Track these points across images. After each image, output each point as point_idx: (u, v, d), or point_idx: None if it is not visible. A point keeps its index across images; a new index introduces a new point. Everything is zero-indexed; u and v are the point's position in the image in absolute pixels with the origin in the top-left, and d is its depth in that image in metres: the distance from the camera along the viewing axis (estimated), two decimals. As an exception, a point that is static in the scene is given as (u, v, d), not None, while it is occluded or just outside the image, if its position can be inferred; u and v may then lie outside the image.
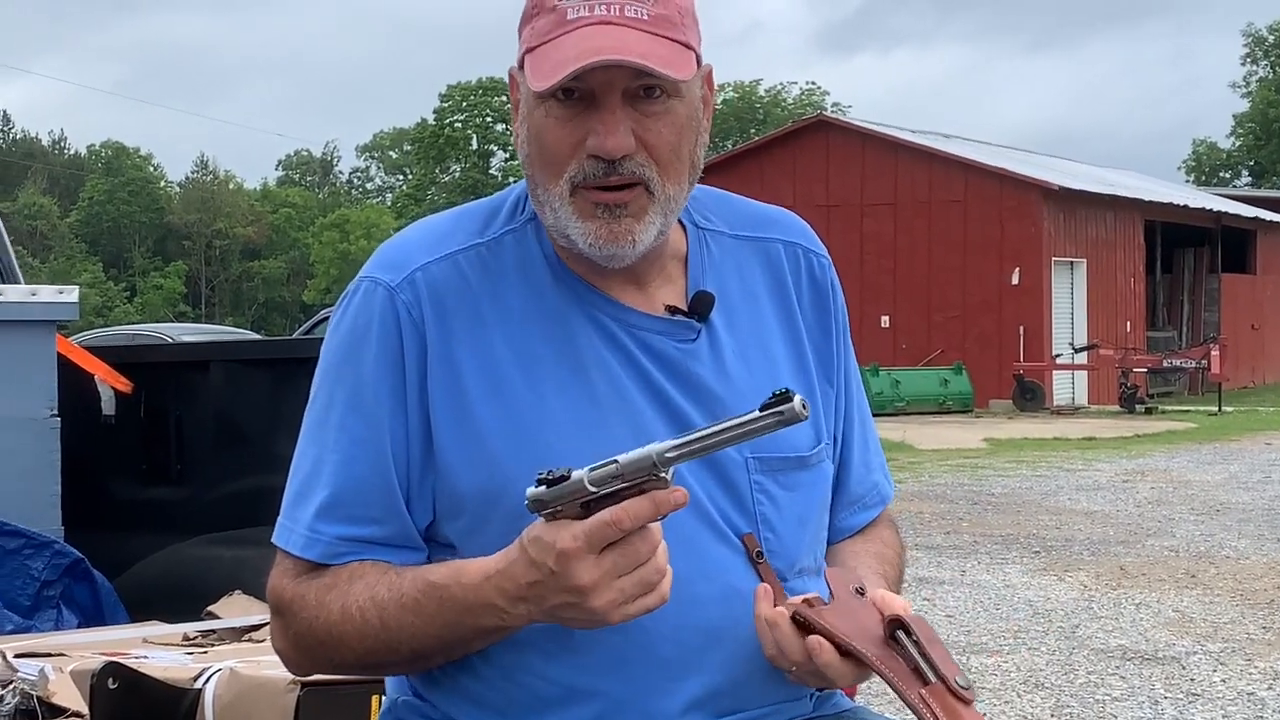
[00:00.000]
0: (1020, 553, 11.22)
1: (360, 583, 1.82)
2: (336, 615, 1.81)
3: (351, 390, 1.87)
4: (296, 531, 1.87)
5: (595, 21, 1.79)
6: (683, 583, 1.79)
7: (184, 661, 3.34)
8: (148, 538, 4.40)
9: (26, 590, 4.03)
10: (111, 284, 74.01)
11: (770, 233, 2.05)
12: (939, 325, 30.98)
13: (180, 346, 9.91)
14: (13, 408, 4.25)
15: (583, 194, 1.82)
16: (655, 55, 1.77)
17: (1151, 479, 16.41)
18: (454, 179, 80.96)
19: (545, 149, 1.83)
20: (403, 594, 1.78)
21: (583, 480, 1.65)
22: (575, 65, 1.75)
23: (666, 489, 1.65)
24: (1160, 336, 35.70)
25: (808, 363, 2.01)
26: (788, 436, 1.92)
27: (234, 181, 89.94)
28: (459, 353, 1.86)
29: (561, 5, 1.81)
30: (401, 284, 1.88)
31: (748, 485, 1.90)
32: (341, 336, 1.91)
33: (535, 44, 1.82)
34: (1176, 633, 8.36)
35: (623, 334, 1.89)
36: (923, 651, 1.74)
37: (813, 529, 1.97)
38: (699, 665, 1.84)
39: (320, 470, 1.87)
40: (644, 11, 1.80)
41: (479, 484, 1.83)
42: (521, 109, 1.87)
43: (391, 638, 1.79)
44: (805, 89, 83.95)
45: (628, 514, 1.64)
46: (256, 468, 4.35)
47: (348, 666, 1.86)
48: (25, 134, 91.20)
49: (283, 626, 1.88)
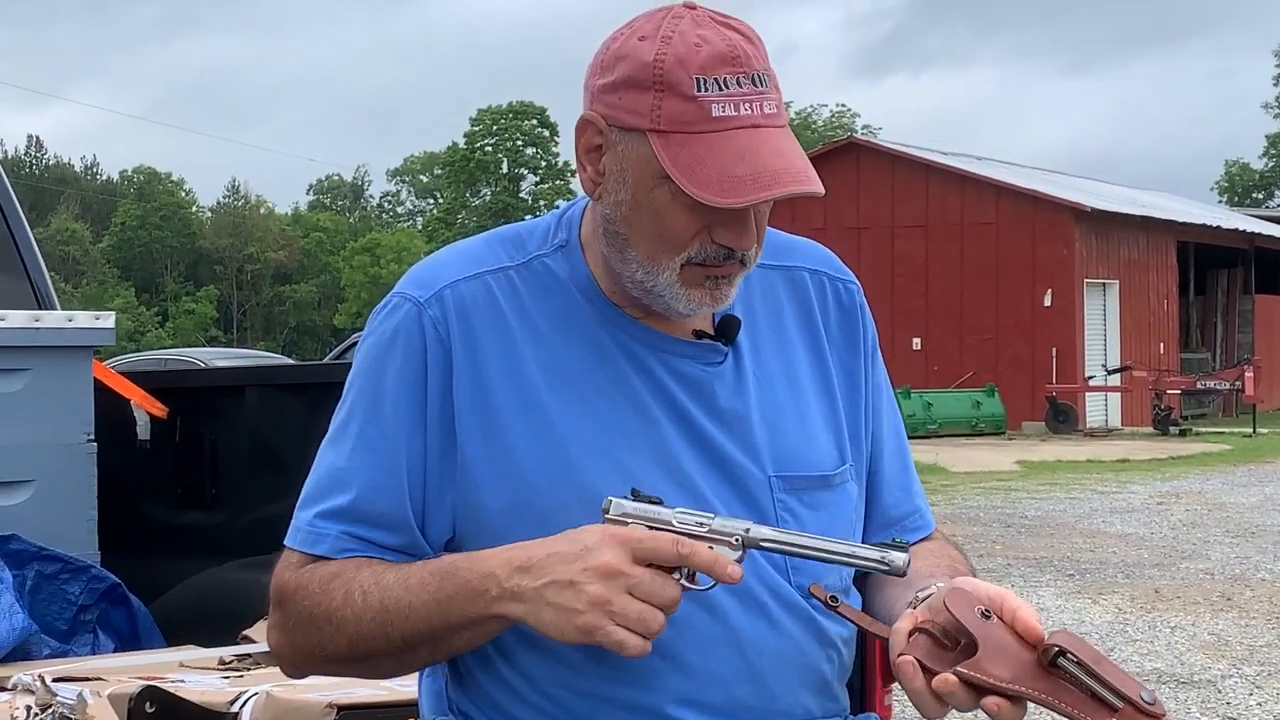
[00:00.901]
0: (1054, 576, 11.18)
1: (368, 570, 1.84)
2: (339, 600, 1.83)
3: (372, 401, 1.90)
4: (301, 529, 1.91)
5: (745, 125, 1.79)
6: (707, 595, 1.82)
7: (220, 685, 3.36)
8: (183, 562, 4.41)
9: (64, 614, 4.05)
10: (144, 309, 74.32)
11: (796, 261, 2.07)
12: (971, 347, 30.91)
13: (215, 371, 9.95)
14: (50, 433, 4.27)
15: (694, 269, 1.85)
16: (808, 168, 1.81)
17: (1186, 501, 16.34)
18: (484, 203, 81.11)
19: (666, 229, 1.83)
20: (410, 575, 1.81)
21: (670, 518, 1.73)
22: (762, 192, 1.77)
23: (728, 564, 1.72)
24: (1194, 358, 35.56)
25: (833, 388, 2.02)
26: (810, 455, 1.96)
27: (265, 206, 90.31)
28: (487, 369, 1.88)
29: (702, 99, 1.79)
30: (430, 300, 1.91)
31: (771, 503, 1.91)
32: (368, 349, 1.94)
33: (670, 130, 1.80)
34: (1212, 656, 8.31)
35: (649, 356, 1.91)
36: (1093, 674, 1.68)
37: None
38: (725, 675, 1.86)
39: (334, 477, 1.90)
40: (773, 104, 1.82)
41: (504, 499, 1.85)
42: (620, 170, 1.85)
43: (387, 620, 1.80)
44: (836, 111, 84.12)
45: (693, 551, 1.70)
46: (291, 492, 4.32)
47: (337, 659, 1.87)
48: (58, 160, 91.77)
49: (281, 618, 1.90)
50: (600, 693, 1.84)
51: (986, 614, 1.73)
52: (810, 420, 1.98)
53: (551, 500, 1.83)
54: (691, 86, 1.79)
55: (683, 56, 1.79)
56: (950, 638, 1.74)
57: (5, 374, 4.22)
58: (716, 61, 1.79)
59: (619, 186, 1.85)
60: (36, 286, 4.76)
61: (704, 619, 1.84)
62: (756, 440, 1.92)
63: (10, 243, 4.74)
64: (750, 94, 1.80)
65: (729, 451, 1.90)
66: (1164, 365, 32.14)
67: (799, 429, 1.96)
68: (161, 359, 21.21)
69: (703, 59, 1.79)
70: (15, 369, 4.23)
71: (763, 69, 1.82)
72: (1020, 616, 1.74)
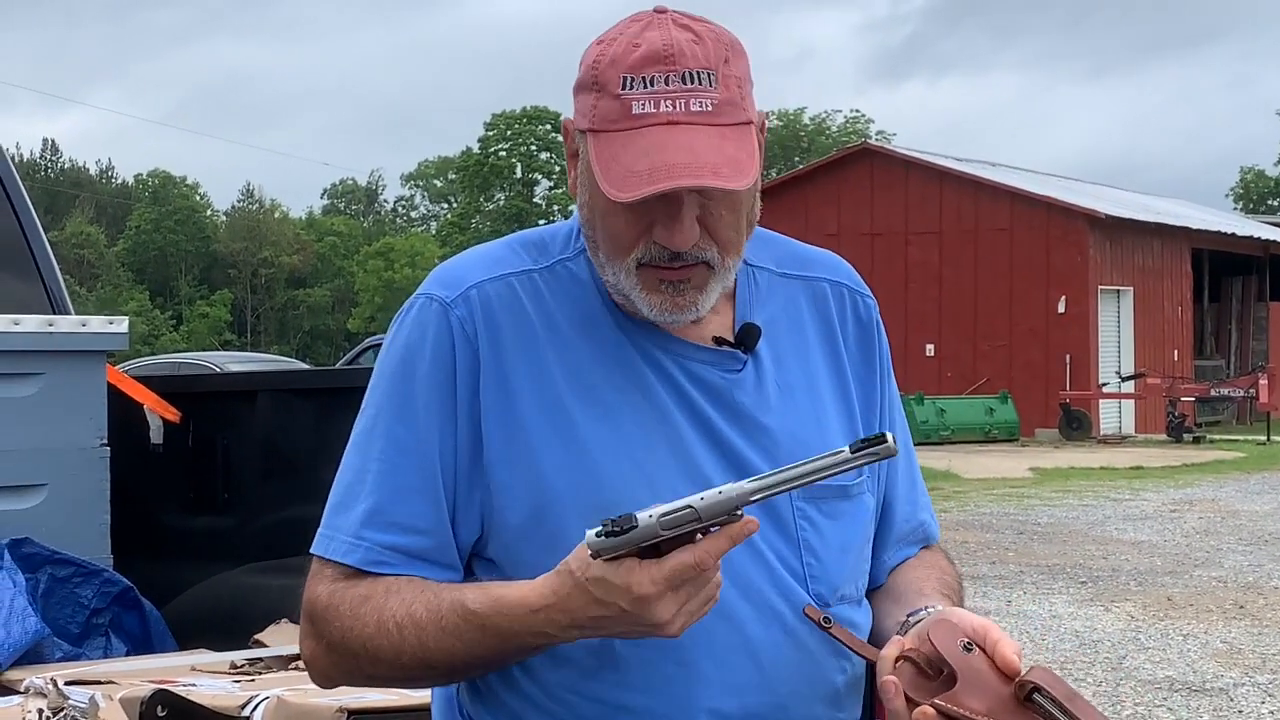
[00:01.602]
0: (1066, 583, 11.17)
1: (396, 598, 1.82)
2: (372, 629, 1.82)
3: (401, 402, 1.89)
4: (337, 539, 1.88)
5: (663, 121, 1.79)
6: (724, 602, 1.81)
7: (232, 689, 3.36)
8: (195, 566, 4.43)
9: (76, 618, 4.06)
10: (158, 312, 74.44)
11: (817, 272, 2.07)
12: (984, 354, 30.88)
13: (228, 376, 9.97)
14: (64, 437, 4.28)
15: (648, 271, 1.85)
16: (724, 163, 1.78)
17: (1199, 509, 16.31)
18: (498, 207, 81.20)
19: (611, 232, 1.85)
20: (441, 616, 1.79)
21: (654, 527, 1.65)
22: (649, 186, 1.76)
23: (740, 522, 1.68)
24: (1208, 365, 35.49)
25: (851, 398, 2.02)
26: None
27: (279, 210, 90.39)
28: (512, 369, 1.88)
29: (625, 96, 1.80)
30: (456, 300, 1.91)
31: (790, 511, 1.91)
32: (394, 350, 1.93)
33: (599, 129, 1.82)
34: (1224, 664, 8.30)
35: (670, 363, 1.91)
36: (1066, 711, 1.69)
37: (854, 558, 1.97)
38: (740, 684, 1.86)
39: (364, 479, 1.89)
40: (708, 102, 1.80)
41: (525, 500, 1.85)
42: (582, 173, 1.87)
43: (430, 657, 1.80)
44: (850, 117, 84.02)
45: (710, 555, 1.67)
46: (303, 497, 4.36)
47: (380, 679, 1.89)
48: (73, 163, 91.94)
49: (314, 633, 1.89)
50: (616, 700, 1.84)
51: (969, 646, 1.76)
52: (829, 430, 1.97)
53: (572, 503, 1.83)
54: (619, 85, 1.80)
55: (617, 57, 1.81)
56: (933, 667, 1.76)
57: (19, 378, 4.24)
58: (647, 61, 1.80)
59: (583, 189, 1.89)
60: (50, 291, 4.77)
61: (721, 628, 1.83)
62: (777, 449, 1.92)
63: (25, 247, 4.75)
64: (676, 91, 1.79)
65: (749, 458, 1.90)
66: (1178, 372, 32.08)
67: (818, 438, 1.95)
68: (175, 363, 21.25)
69: (634, 59, 1.80)
70: (29, 373, 4.25)
71: (702, 67, 1.80)
72: (1000, 650, 1.76)
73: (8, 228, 4.73)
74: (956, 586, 2.03)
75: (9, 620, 3.70)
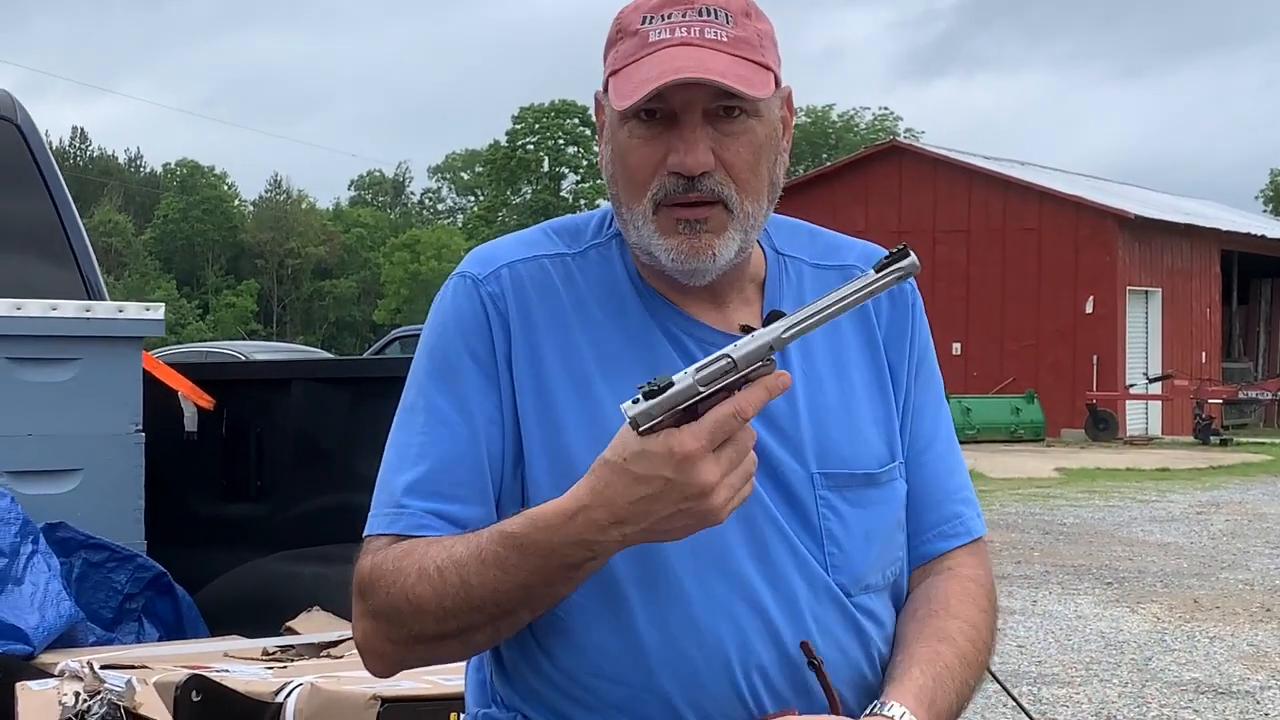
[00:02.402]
0: (1092, 584, 11.14)
1: (436, 546, 1.81)
2: (413, 578, 1.79)
3: (442, 377, 1.91)
4: (380, 513, 1.88)
5: (676, 43, 1.83)
6: (748, 588, 1.84)
7: (265, 676, 3.38)
8: (228, 553, 4.45)
9: (109, 603, 4.09)
10: (185, 301, 74.59)
11: (850, 260, 2.07)
12: (1011, 353, 30.81)
13: (262, 364, 9.98)
14: (99, 423, 4.31)
15: (665, 211, 1.86)
16: (733, 74, 1.82)
17: (1226, 511, 16.26)
18: (525, 201, 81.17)
19: (628, 168, 1.87)
20: (481, 549, 1.77)
21: (693, 384, 1.62)
22: (656, 84, 1.79)
23: (773, 373, 1.66)
24: (1236, 367, 35.36)
25: (887, 386, 2.02)
26: (855, 453, 1.95)
27: (306, 201, 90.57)
28: (543, 347, 1.90)
29: (644, 29, 1.86)
30: (488, 277, 1.94)
31: (813, 501, 1.91)
32: (432, 328, 1.96)
33: (619, 66, 1.87)
34: (1251, 667, 8.28)
35: (698, 350, 1.91)
36: None
37: (880, 546, 1.96)
38: (765, 669, 1.86)
39: (406, 454, 1.89)
40: (723, 34, 1.85)
41: (553, 479, 1.85)
42: (606, 130, 1.92)
43: (473, 595, 1.77)
44: (878, 114, 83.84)
45: (749, 404, 1.65)
46: (335, 485, 4.39)
47: (426, 638, 1.82)
48: (102, 151, 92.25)
49: (363, 609, 1.86)
50: (639, 683, 1.85)
51: None
52: (858, 417, 1.97)
53: None
54: (639, 23, 1.87)
55: (640, 3, 1.89)
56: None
57: (56, 363, 4.26)
58: (668, 1, 1.86)
59: (606, 146, 1.92)
60: (86, 277, 4.81)
61: (745, 613, 1.84)
62: (801, 437, 1.92)
63: (62, 234, 4.78)
64: (692, 21, 1.85)
65: (771, 447, 1.90)
66: (1206, 374, 31.97)
67: (846, 426, 1.96)
68: (202, 352, 21.29)
69: (655, 1, 1.87)
70: (66, 358, 4.28)
71: (719, 5, 1.86)
72: None
73: (45, 215, 4.76)
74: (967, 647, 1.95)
75: (44, 604, 3.72)
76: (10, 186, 4.71)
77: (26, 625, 3.64)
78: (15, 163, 4.72)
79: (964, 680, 1.92)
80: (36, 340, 4.22)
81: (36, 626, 3.66)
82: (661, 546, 1.81)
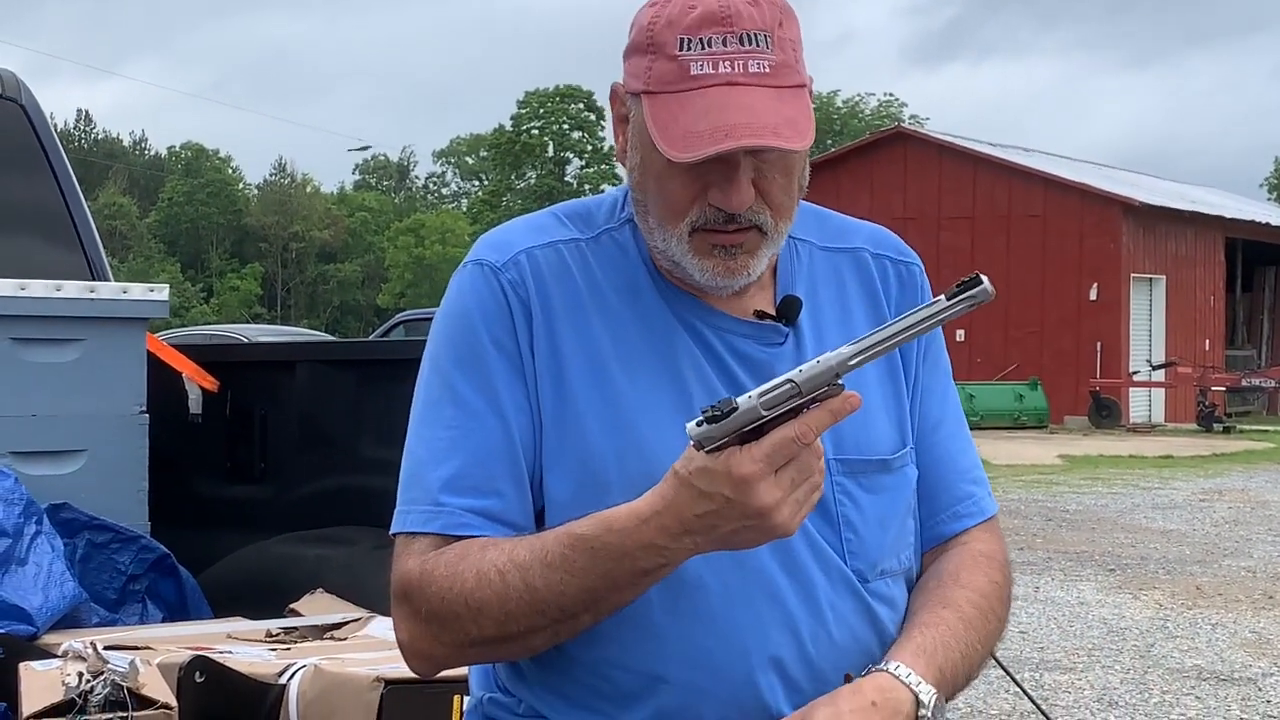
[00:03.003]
0: (1095, 570, 11.14)
1: (494, 549, 1.79)
2: (472, 582, 1.77)
3: (467, 366, 1.88)
4: (414, 511, 1.86)
5: (722, 82, 1.79)
6: (764, 575, 1.83)
7: (268, 657, 3.38)
8: (232, 535, 4.45)
9: (113, 584, 4.09)
10: (189, 284, 74.56)
11: (859, 244, 2.07)
12: (1015, 340, 30.78)
13: (266, 346, 9.99)
14: (103, 404, 4.31)
15: (701, 235, 1.85)
16: (785, 122, 1.78)
17: (1229, 498, 16.25)
18: (530, 185, 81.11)
19: (666, 194, 1.84)
20: (547, 551, 1.75)
21: (755, 407, 1.62)
22: (710, 146, 1.75)
23: (841, 396, 1.65)
24: (1239, 355, 35.33)
25: (897, 372, 2.02)
26: (869, 439, 1.95)
27: (311, 184, 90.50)
28: (562, 333, 1.88)
29: (683, 57, 1.80)
30: (506, 264, 1.91)
31: (830, 487, 1.89)
32: (449, 317, 1.93)
33: (656, 90, 1.82)
34: (1253, 654, 8.28)
35: (712, 336, 1.91)
36: None
37: (894, 531, 1.97)
38: (781, 658, 1.85)
39: (437, 448, 1.86)
40: (765, 65, 1.80)
41: (570, 466, 1.85)
42: (633, 136, 1.88)
43: (537, 598, 1.75)
44: (883, 100, 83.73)
45: (811, 429, 1.64)
46: (339, 468, 4.39)
47: (484, 641, 1.80)
48: (106, 134, 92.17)
49: (411, 611, 1.84)
50: (655, 672, 1.84)
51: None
52: (871, 403, 1.96)
53: (618, 473, 1.82)
54: (675, 46, 1.81)
55: (674, 18, 1.82)
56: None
57: (60, 344, 4.26)
58: (704, 22, 1.80)
59: (634, 152, 1.88)
60: (91, 259, 4.81)
61: (761, 601, 1.84)
62: None
63: (66, 215, 4.78)
64: (734, 53, 1.80)
65: None
66: (1209, 362, 31.94)
67: (860, 412, 1.94)
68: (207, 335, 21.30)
69: (691, 20, 1.81)
70: (70, 339, 4.28)
71: (759, 29, 1.81)
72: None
73: (50, 197, 4.76)
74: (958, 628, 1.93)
75: (47, 584, 3.73)
76: (15, 167, 4.71)
77: (30, 606, 3.65)
78: (20, 144, 4.72)
79: (968, 643, 1.92)
80: (41, 321, 4.22)
81: (40, 607, 3.67)
82: None
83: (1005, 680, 6.71)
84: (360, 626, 3.74)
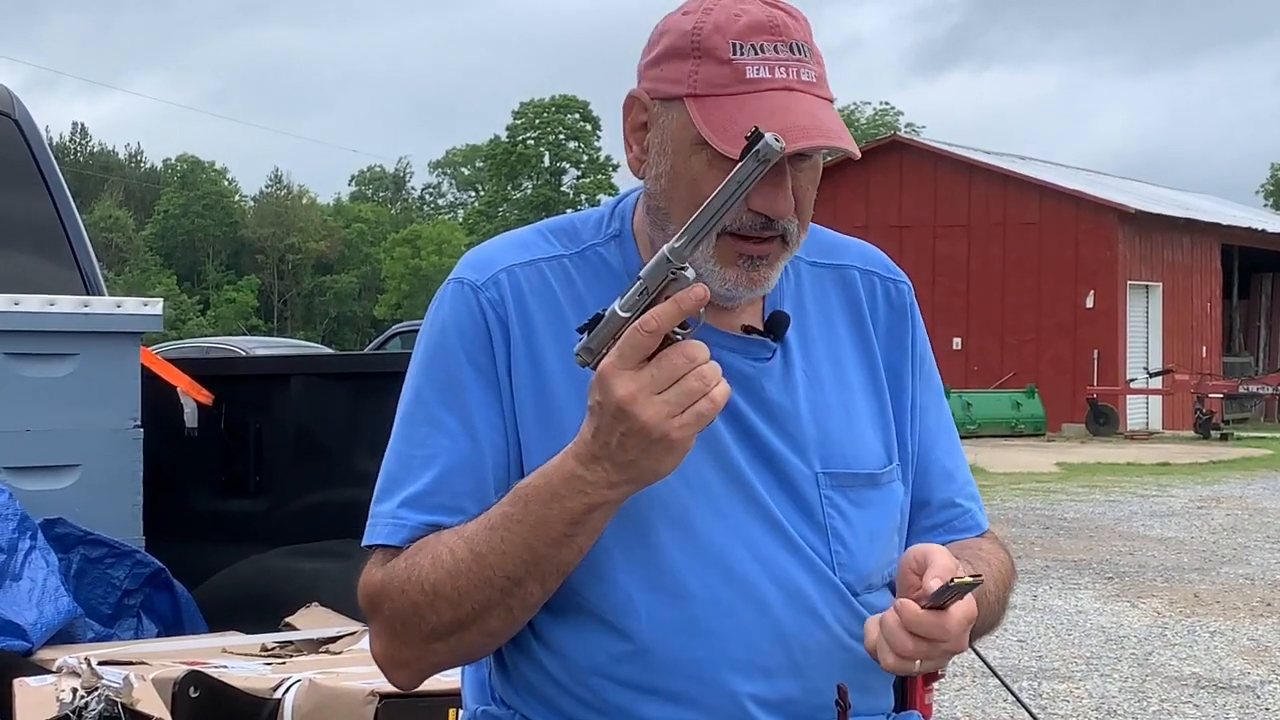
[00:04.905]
0: (1093, 578, 11.14)
1: (450, 533, 1.82)
2: (428, 567, 1.80)
3: (441, 386, 1.89)
4: (379, 524, 1.88)
5: (779, 87, 1.81)
6: (752, 586, 1.83)
7: (263, 672, 3.38)
8: (227, 549, 4.44)
9: (108, 599, 4.08)
10: (185, 297, 74.53)
11: (846, 260, 2.07)
12: (1012, 348, 30.81)
13: (261, 360, 9.97)
14: (97, 418, 4.30)
15: (729, 242, 1.84)
16: (839, 131, 1.82)
17: (1226, 506, 16.26)
18: (526, 196, 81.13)
19: (702, 197, 1.80)
20: (490, 516, 1.78)
21: (615, 311, 1.68)
22: (804, 141, 1.77)
23: (687, 287, 1.67)
24: (1236, 362, 35.35)
25: (882, 385, 2.02)
26: (857, 453, 1.95)
27: (307, 196, 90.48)
28: (544, 352, 1.89)
29: (737, 62, 1.82)
30: (486, 283, 1.92)
31: (818, 499, 1.91)
32: (430, 335, 1.94)
33: (704, 94, 1.83)
34: (1251, 662, 8.28)
35: None
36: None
37: (883, 546, 1.97)
38: (769, 668, 1.86)
39: (409, 465, 1.88)
40: (812, 74, 1.84)
41: None
42: (659, 142, 1.88)
43: (484, 565, 1.77)
44: (879, 109, 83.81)
45: (654, 317, 1.66)
46: (335, 481, 4.38)
47: (444, 629, 1.81)
48: (102, 147, 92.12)
49: (379, 620, 1.86)
50: (645, 683, 1.84)
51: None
52: (858, 418, 1.97)
53: None
54: (728, 51, 1.82)
55: (721, 24, 1.83)
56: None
57: (54, 359, 4.26)
58: (754, 29, 1.83)
59: (660, 159, 1.88)
60: (85, 273, 4.80)
61: (749, 612, 1.84)
62: (804, 437, 1.92)
63: (60, 229, 4.77)
64: (787, 60, 1.83)
65: (776, 447, 1.90)
66: (1206, 369, 31.96)
67: (846, 427, 1.96)
68: (203, 347, 21.30)
69: (740, 26, 1.83)
70: (64, 354, 4.27)
71: (803, 40, 1.85)
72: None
73: (44, 211, 4.75)
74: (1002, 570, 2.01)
75: (41, 600, 3.72)
76: (9, 182, 4.70)
77: (24, 621, 3.64)
78: (14, 158, 4.71)
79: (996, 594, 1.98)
80: (34, 335, 4.22)
81: (34, 622, 3.65)
82: (664, 545, 1.82)
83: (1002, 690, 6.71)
84: (356, 640, 3.74)
